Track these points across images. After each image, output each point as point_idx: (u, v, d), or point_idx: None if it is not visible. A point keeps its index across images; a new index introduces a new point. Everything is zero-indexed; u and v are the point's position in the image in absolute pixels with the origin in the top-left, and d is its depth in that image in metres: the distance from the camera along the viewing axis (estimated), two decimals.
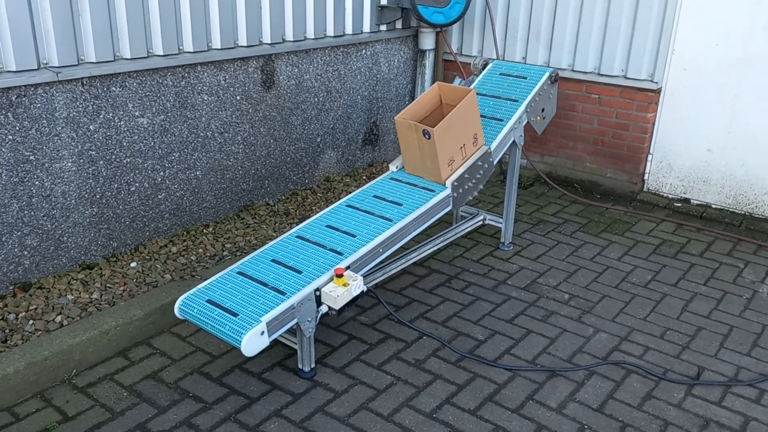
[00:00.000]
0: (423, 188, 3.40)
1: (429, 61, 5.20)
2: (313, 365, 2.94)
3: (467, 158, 3.42)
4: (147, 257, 3.66)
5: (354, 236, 3.08)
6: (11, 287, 3.23)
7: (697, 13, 4.40)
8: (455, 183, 3.38)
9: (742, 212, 4.61)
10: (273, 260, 2.97)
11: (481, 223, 4.19)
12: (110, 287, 3.36)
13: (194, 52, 3.73)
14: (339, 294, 2.73)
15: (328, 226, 3.18)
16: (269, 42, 4.14)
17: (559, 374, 2.99)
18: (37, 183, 3.22)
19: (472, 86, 3.95)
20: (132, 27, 3.42)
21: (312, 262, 2.93)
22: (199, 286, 2.87)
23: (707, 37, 4.41)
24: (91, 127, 3.37)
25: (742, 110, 4.41)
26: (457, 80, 4.02)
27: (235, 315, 2.66)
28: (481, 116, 3.75)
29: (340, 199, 4.39)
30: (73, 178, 3.36)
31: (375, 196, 3.39)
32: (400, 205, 3.28)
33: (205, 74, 3.83)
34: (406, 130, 3.36)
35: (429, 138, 3.23)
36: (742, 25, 4.27)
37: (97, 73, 3.29)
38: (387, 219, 3.19)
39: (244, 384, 2.88)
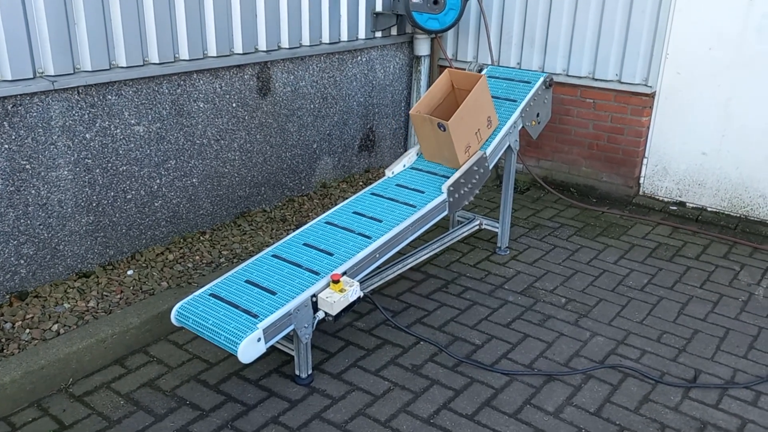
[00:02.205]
0: (443, 176, 3.53)
1: (424, 67, 5.22)
2: (310, 371, 2.94)
3: (482, 141, 3.57)
4: (144, 265, 3.66)
5: (380, 221, 3.22)
6: (7, 296, 3.23)
7: (690, 17, 4.42)
8: (451, 188, 3.39)
9: (738, 215, 4.62)
10: (305, 244, 3.13)
11: (477, 227, 4.20)
12: (107, 295, 3.35)
13: (190, 60, 3.74)
14: (335, 300, 2.74)
15: (355, 213, 3.32)
16: (265, 49, 4.16)
17: (556, 378, 2.99)
18: (33, 192, 3.22)
19: None
20: (127, 35, 3.43)
21: (342, 245, 3.08)
22: (195, 293, 2.87)
23: (700, 41, 4.43)
24: (87, 135, 3.37)
25: (736, 113, 4.43)
26: None
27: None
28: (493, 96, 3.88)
29: (336, 204, 4.40)
30: (70, 186, 3.36)
31: (398, 185, 3.53)
32: (423, 192, 3.42)
33: (201, 82, 3.84)
34: (422, 123, 3.48)
35: (444, 130, 3.34)
36: (734, 28, 4.29)
37: (93, 81, 3.30)
38: (411, 205, 3.31)
39: (241, 391, 2.87)
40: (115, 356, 3.07)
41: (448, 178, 3.47)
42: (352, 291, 2.80)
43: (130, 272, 3.57)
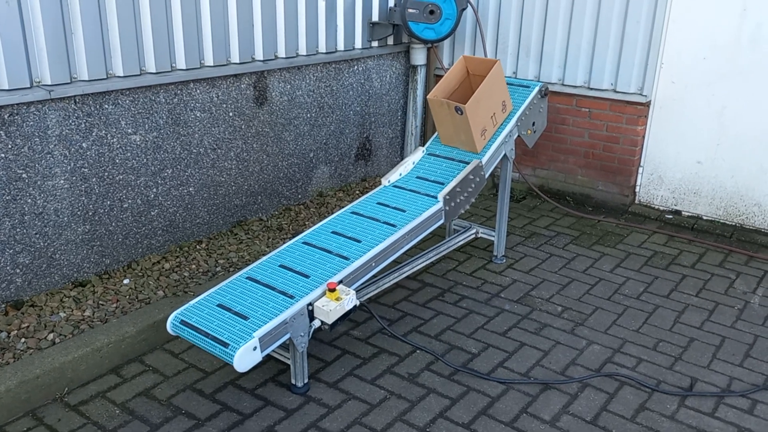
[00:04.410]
0: (459, 161, 3.65)
1: (421, 76, 5.24)
2: (306, 380, 2.94)
3: (498, 125, 3.68)
4: (140, 274, 3.66)
5: (404, 211, 3.37)
6: (3, 305, 3.23)
7: (685, 26, 4.45)
8: (447, 197, 3.40)
9: (733, 223, 4.64)
10: (333, 232, 3.29)
11: (473, 236, 4.20)
12: (103, 304, 3.35)
13: (187, 70, 3.75)
14: (332, 308, 2.74)
15: (379, 203, 3.48)
16: (262, 59, 4.17)
17: (552, 387, 2.99)
18: (29, 201, 3.22)
19: None
20: (124, 45, 3.44)
21: (369, 233, 3.23)
22: (191, 302, 2.87)
23: (695, 50, 4.46)
24: (83, 144, 3.38)
25: (730, 122, 4.46)
26: None
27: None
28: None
29: (333, 213, 4.42)
30: (66, 195, 3.36)
31: (418, 177, 3.65)
32: (442, 184, 3.51)
33: (198, 91, 3.85)
34: (439, 107, 3.57)
35: (461, 114, 3.43)
36: (728, 37, 4.32)
37: (90, 90, 3.31)
38: (432, 197, 3.45)
39: (236, 400, 2.87)
40: (111, 365, 3.06)
41: (466, 163, 3.58)
42: (349, 299, 2.80)
43: (126, 281, 3.57)
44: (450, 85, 3.72)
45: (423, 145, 4.44)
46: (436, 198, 3.42)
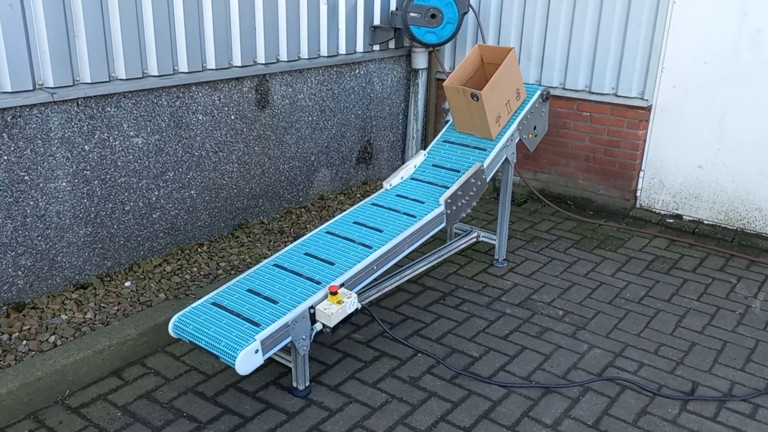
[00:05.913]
0: (475, 148, 3.74)
1: (422, 80, 5.25)
2: (307, 383, 2.94)
3: (512, 113, 3.74)
4: (141, 276, 3.66)
5: (423, 203, 3.47)
6: (5, 307, 3.23)
7: (686, 31, 4.46)
8: (449, 200, 3.40)
9: (734, 228, 4.64)
10: (355, 222, 3.36)
11: (474, 240, 4.20)
12: (104, 307, 3.35)
13: (189, 73, 3.76)
14: (333, 312, 2.74)
15: (399, 195, 3.59)
16: (263, 62, 4.18)
17: (553, 391, 2.99)
18: (31, 203, 3.23)
19: None
20: (127, 48, 3.45)
21: (390, 223, 3.32)
22: (193, 305, 2.87)
23: (695, 54, 4.47)
24: (86, 147, 3.38)
25: (731, 126, 4.47)
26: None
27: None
28: None
29: (334, 216, 4.42)
30: (68, 197, 3.37)
31: (434, 165, 3.76)
32: (458, 171, 3.59)
33: (200, 94, 3.85)
34: (455, 94, 3.63)
35: (477, 100, 3.49)
36: (728, 42, 4.33)
37: (92, 93, 3.32)
38: (446, 188, 3.52)
39: (238, 403, 2.87)
40: (112, 368, 3.06)
41: (482, 149, 3.65)
42: (350, 303, 2.80)
43: (127, 284, 3.57)
44: (465, 73, 3.78)
45: (424, 149, 4.44)
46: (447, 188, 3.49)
